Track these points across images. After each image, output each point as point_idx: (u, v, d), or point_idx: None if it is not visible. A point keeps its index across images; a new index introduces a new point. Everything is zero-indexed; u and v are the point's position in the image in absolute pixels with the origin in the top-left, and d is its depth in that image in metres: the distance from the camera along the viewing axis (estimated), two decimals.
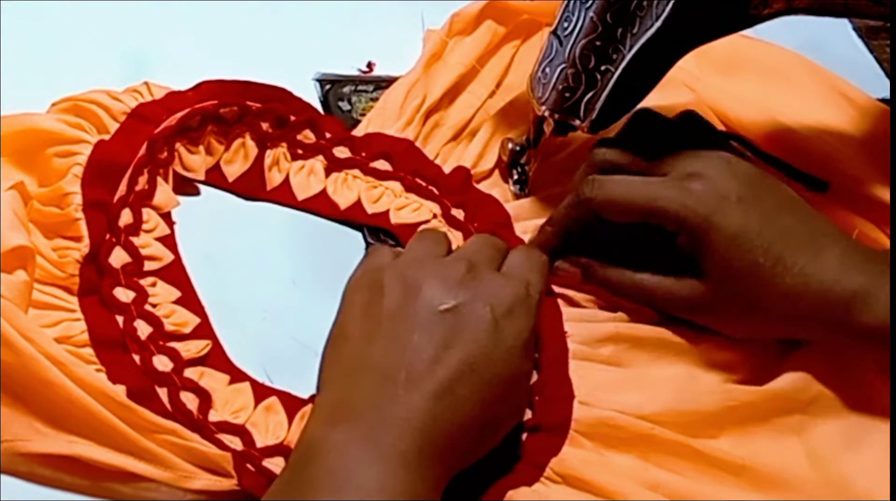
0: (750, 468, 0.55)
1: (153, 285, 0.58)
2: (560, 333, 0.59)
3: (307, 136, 0.66)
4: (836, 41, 0.81)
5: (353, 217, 0.64)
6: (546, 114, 0.61)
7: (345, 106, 0.70)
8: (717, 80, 0.73)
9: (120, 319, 0.56)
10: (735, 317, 0.58)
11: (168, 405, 0.53)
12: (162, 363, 0.55)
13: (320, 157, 0.65)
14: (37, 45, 0.68)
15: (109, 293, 0.56)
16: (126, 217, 0.59)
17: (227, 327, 0.58)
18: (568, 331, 0.59)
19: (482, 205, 0.65)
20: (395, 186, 0.65)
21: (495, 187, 0.67)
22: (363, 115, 0.70)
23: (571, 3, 0.58)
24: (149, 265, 0.59)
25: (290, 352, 0.59)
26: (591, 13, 0.57)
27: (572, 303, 0.61)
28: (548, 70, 0.60)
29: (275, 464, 0.52)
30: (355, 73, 0.73)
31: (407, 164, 0.66)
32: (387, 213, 0.65)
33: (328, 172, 0.65)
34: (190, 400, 0.54)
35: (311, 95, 0.70)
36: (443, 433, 0.49)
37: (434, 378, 0.49)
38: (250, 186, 0.64)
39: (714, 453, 0.55)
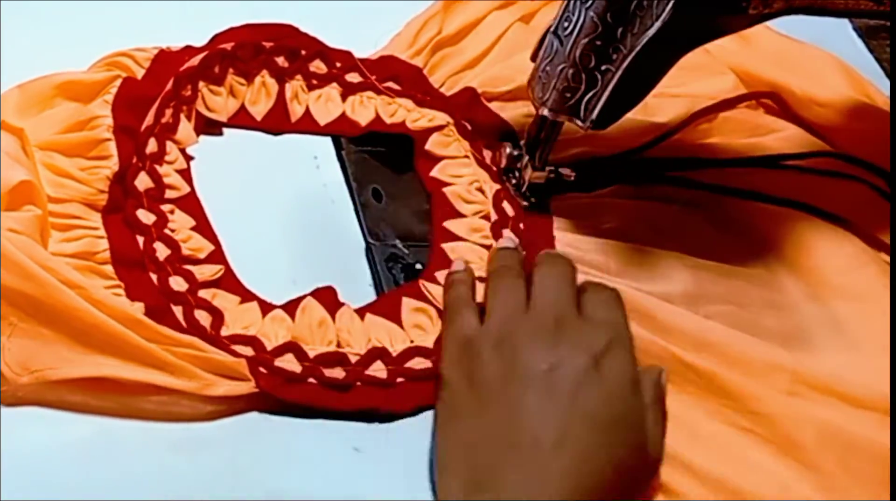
0: (719, 377, 0.59)
1: (171, 212, 0.62)
2: (549, 239, 0.64)
3: (319, 67, 0.70)
4: (836, 41, 0.81)
5: (374, 128, 0.69)
6: (547, 114, 0.61)
7: None
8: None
9: (141, 239, 0.59)
10: None
11: (183, 322, 0.57)
12: (178, 283, 0.58)
13: (334, 84, 0.70)
14: (36, 45, 0.68)
15: (133, 214, 0.60)
16: (152, 146, 0.63)
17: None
18: (557, 237, 0.65)
19: (489, 120, 0.70)
20: (408, 102, 0.71)
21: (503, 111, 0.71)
22: None
23: (571, 2, 0.58)
24: (168, 194, 0.62)
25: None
26: (591, 13, 0.57)
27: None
28: (548, 69, 0.60)
29: (286, 361, 0.56)
30: None
31: (415, 87, 0.71)
32: (403, 123, 0.70)
33: (344, 97, 0.70)
34: (203, 318, 0.57)
35: None
36: (578, 487, 0.50)
37: (555, 435, 0.50)
38: (276, 122, 0.69)
39: (683, 357, 0.59)
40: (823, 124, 0.73)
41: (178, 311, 0.57)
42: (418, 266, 0.64)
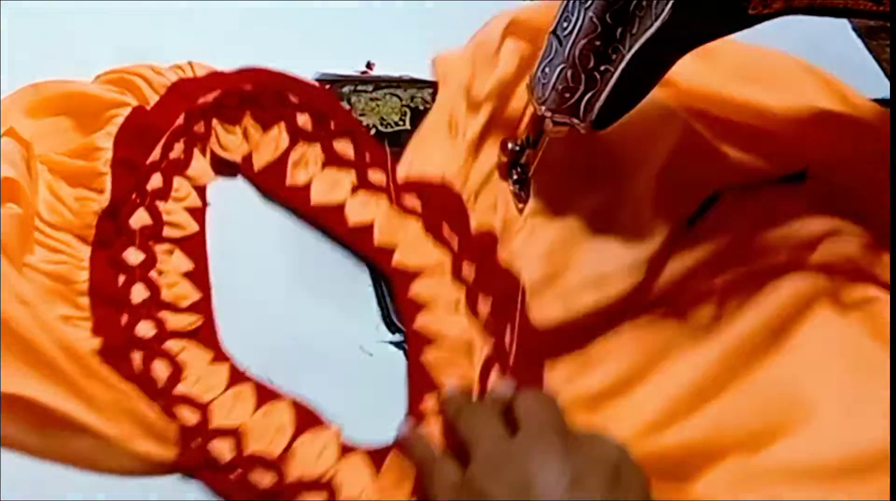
0: None
1: (169, 252, 0.58)
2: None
3: (345, 149, 0.64)
4: (836, 41, 0.80)
5: (357, 240, 0.62)
6: (546, 114, 0.61)
7: (344, 106, 0.70)
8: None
9: (122, 278, 0.56)
10: None
11: (138, 369, 0.54)
12: (145, 329, 0.55)
13: (353, 171, 0.63)
14: (36, 44, 0.67)
15: (119, 253, 0.57)
16: (155, 181, 0.59)
17: (227, 326, 0.58)
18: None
19: (496, 275, 0.61)
20: (416, 225, 0.63)
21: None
22: (363, 115, 0.69)
23: (571, 3, 0.57)
24: (170, 232, 0.59)
25: (290, 352, 0.58)
26: (590, 13, 0.56)
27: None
28: (547, 70, 0.60)
29: (220, 447, 0.53)
30: (355, 73, 0.72)
31: (436, 203, 0.62)
32: (392, 252, 0.62)
33: (354, 189, 0.63)
34: (161, 369, 0.54)
35: None
36: None
37: None
38: (271, 180, 0.63)
39: None
40: (792, 135, 0.69)
41: (137, 357, 0.54)
42: None
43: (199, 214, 0.60)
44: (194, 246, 0.59)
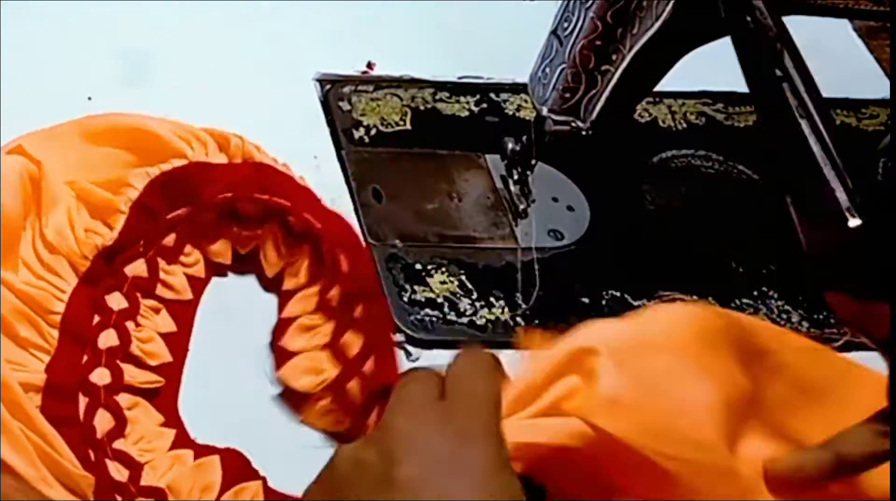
0: None
1: (156, 310, 0.56)
2: None
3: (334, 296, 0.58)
4: (836, 41, 0.80)
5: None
6: (546, 114, 0.61)
7: (345, 106, 0.70)
8: None
9: (97, 319, 0.54)
10: None
11: (81, 416, 0.51)
12: (100, 376, 0.52)
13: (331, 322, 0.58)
14: (37, 44, 0.68)
15: (102, 295, 0.54)
16: (169, 239, 0.57)
17: (229, 333, 0.58)
18: None
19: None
20: None
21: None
22: (363, 115, 0.69)
23: (571, 2, 0.57)
24: (164, 292, 0.57)
25: None
26: (591, 13, 0.56)
27: None
28: (548, 70, 0.59)
29: None
30: (355, 73, 0.73)
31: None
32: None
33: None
34: (105, 421, 0.51)
35: (311, 95, 0.70)
36: None
37: None
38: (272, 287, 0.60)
39: None
40: None
41: (83, 402, 0.51)
42: (418, 266, 0.63)
43: (199, 285, 0.58)
44: (183, 311, 0.57)
